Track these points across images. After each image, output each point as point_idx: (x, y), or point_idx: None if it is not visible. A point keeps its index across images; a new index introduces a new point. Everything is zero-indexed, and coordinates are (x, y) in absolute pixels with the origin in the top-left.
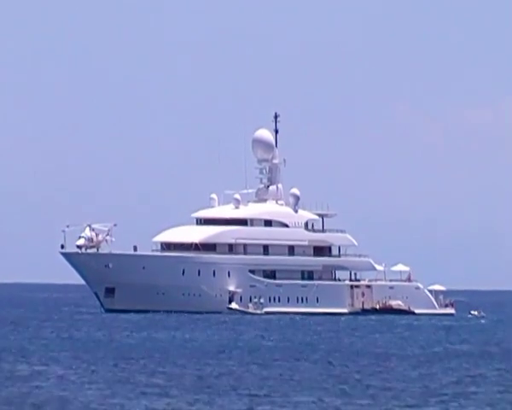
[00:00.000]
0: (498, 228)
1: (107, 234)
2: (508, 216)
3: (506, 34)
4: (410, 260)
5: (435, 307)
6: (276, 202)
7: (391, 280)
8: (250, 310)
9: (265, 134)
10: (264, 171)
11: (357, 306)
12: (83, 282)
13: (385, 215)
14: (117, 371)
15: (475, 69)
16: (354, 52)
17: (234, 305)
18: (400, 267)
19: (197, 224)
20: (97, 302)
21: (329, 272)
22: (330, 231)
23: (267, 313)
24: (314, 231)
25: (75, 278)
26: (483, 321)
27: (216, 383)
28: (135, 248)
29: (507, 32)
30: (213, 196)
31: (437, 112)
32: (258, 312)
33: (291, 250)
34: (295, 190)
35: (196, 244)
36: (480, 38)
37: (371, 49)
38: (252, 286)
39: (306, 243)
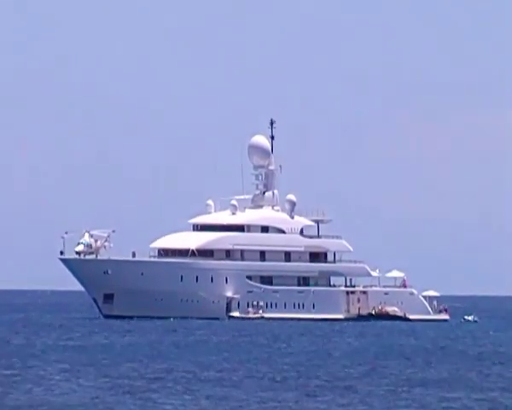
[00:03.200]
0: (494, 233)
1: (106, 240)
2: (503, 221)
3: (506, 36)
4: (404, 266)
5: (430, 313)
6: (272, 208)
7: (385, 286)
8: (250, 315)
9: (261, 140)
10: (260, 177)
11: (353, 312)
12: (81, 288)
13: (379, 221)
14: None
15: (474, 72)
16: (352, 57)
17: (234, 313)
18: (395, 273)
19: (194, 230)
20: (96, 309)
21: (325, 278)
22: (326, 237)
23: (266, 318)
24: (310, 237)
25: (74, 285)
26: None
27: None
28: (133, 255)
29: (508, 34)
30: (210, 202)
31: (435, 117)
32: (258, 317)
33: (287, 256)
34: (291, 196)
35: (193, 250)
36: (481, 41)
37: (369, 54)
38: (249, 292)
39: (302, 248)
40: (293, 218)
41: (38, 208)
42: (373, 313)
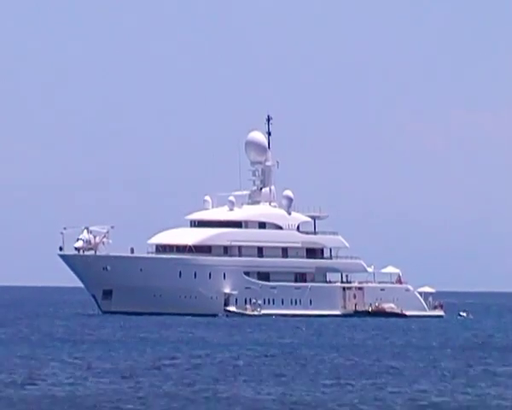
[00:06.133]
0: (489, 229)
1: (105, 236)
2: (498, 218)
3: (506, 36)
4: (398, 262)
5: (425, 309)
6: (270, 204)
7: (380, 282)
8: (248, 312)
9: (258, 136)
10: (257, 173)
11: (350, 308)
12: (80, 284)
13: (375, 217)
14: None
15: (476, 73)
16: (349, 54)
17: (231, 307)
18: (390, 269)
19: (191, 226)
20: (95, 305)
21: (322, 275)
22: (322, 233)
23: (263, 314)
24: (307, 233)
25: (73, 281)
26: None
27: None
28: (132, 251)
29: (507, 34)
30: (207, 198)
31: (433, 115)
32: (256, 313)
33: (284, 252)
34: (288, 192)
35: (191, 246)
36: (481, 41)
37: (367, 50)
38: (247, 288)
39: (299, 245)
40: (290, 214)
41: (37, 204)
42: (369, 310)
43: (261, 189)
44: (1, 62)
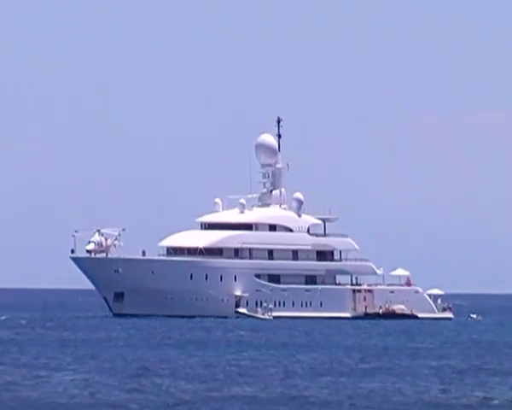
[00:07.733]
0: (497, 231)
1: (116, 239)
2: (507, 220)
3: (506, 36)
4: (407, 264)
5: (434, 312)
6: (280, 207)
7: (388, 284)
8: (259, 315)
9: (268, 139)
10: (267, 175)
11: (360, 310)
12: (92, 286)
13: (384, 219)
14: None
15: (476, 73)
16: (358, 56)
17: (242, 309)
18: (400, 272)
19: (202, 228)
20: (105, 307)
21: (332, 277)
22: (332, 235)
23: (274, 317)
24: (317, 235)
25: (84, 283)
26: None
27: None
28: (143, 253)
29: (507, 34)
30: (217, 200)
31: (444, 116)
32: (267, 317)
33: (295, 255)
34: (299, 195)
35: (202, 249)
36: (481, 41)
37: (376, 52)
38: (257, 290)
39: (310, 247)
40: (300, 216)
41: (49, 207)
42: (380, 312)
43: (271, 191)
44: (1, 62)
